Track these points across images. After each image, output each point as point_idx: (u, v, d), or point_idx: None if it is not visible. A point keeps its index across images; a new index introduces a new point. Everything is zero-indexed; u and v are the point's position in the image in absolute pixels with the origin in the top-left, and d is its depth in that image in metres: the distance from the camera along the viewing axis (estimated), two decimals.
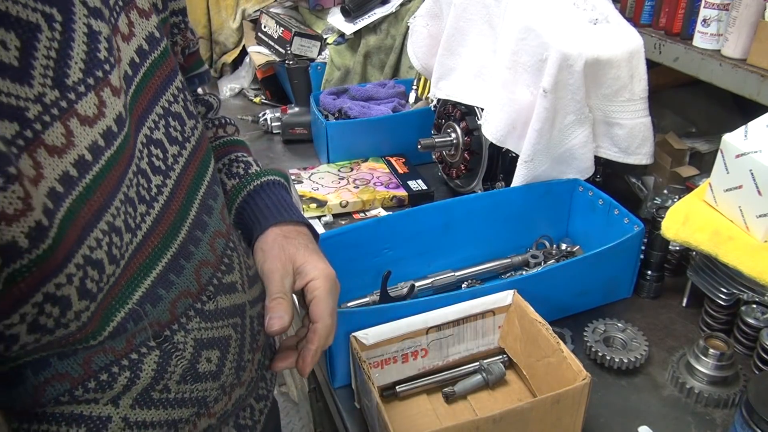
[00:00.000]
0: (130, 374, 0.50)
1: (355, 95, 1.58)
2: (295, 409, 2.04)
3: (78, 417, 0.49)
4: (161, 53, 0.55)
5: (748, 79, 0.92)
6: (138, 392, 0.52)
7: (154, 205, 0.52)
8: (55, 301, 0.41)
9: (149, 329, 0.51)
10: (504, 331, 0.90)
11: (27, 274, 0.39)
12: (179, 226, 0.55)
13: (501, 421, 0.70)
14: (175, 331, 0.53)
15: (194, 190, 0.58)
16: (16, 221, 0.37)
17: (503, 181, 1.23)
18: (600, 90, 1.06)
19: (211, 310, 0.57)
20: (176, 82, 0.58)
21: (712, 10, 0.97)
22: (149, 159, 0.52)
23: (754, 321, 0.92)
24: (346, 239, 1.01)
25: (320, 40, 1.85)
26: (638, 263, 1.02)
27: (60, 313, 0.42)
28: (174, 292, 0.53)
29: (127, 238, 0.47)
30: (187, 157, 0.57)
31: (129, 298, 0.48)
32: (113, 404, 0.51)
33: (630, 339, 0.93)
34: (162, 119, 0.55)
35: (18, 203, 0.37)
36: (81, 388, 0.48)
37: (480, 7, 1.19)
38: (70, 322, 0.43)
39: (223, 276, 0.59)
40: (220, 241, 0.60)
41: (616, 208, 1.05)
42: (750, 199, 0.84)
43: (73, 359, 0.47)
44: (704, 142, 1.25)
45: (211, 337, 0.56)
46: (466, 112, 1.26)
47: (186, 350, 0.54)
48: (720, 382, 0.86)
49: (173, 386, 0.54)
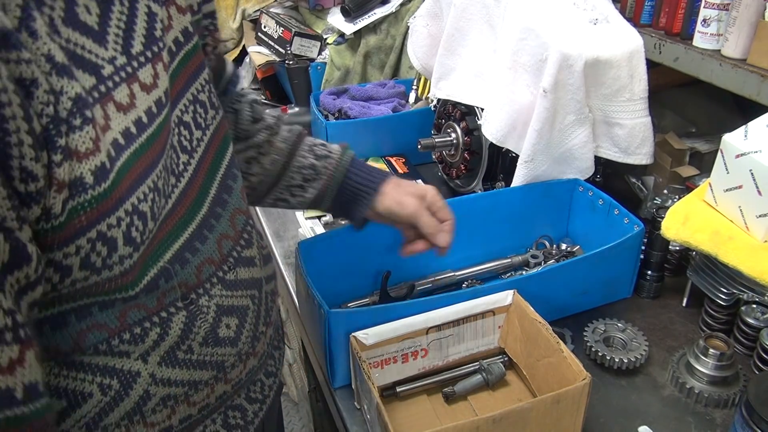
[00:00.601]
0: (160, 330, 0.55)
1: (355, 95, 1.58)
2: (295, 409, 2.04)
3: (111, 370, 0.54)
4: (193, 47, 0.61)
5: (748, 79, 0.92)
6: (165, 350, 0.57)
7: (181, 179, 0.58)
8: (104, 241, 0.46)
9: (178, 290, 0.56)
10: (504, 331, 0.91)
11: (87, 210, 0.44)
12: (201, 202, 0.61)
13: (501, 421, 0.70)
14: (201, 294, 0.59)
15: (214, 171, 0.64)
16: (86, 159, 0.43)
17: (503, 181, 1.23)
18: (600, 90, 1.06)
19: (232, 280, 0.63)
20: (204, 74, 0.64)
21: (712, 10, 0.97)
22: (179, 138, 0.58)
23: (754, 321, 0.92)
24: (346, 239, 1.01)
25: (320, 40, 1.85)
26: (638, 263, 1.02)
27: (107, 253, 0.47)
28: (199, 258, 0.58)
29: (162, 202, 0.53)
30: (208, 142, 0.63)
31: (161, 257, 0.54)
32: (143, 360, 0.55)
33: (630, 339, 0.93)
34: (191, 105, 0.61)
35: (89, 144, 0.44)
36: (117, 338, 0.53)
37: (480, 7, 1.19)
38: (115, 265, 0.48)
39: (242, 250, 0.66)
40: (240, 218, 0.67)
41: (616, 208, 1.05)
42: (750, 199, 0.84)
43: (111, 311, 0.52)
44: (704, 142, 1.25)
45: (231, 305, 0.62)
46: (466, 112, 1.26)
47: (209, 314, 0.60)
48: (720, 382, 0.86)
49: (196, 348, 0.59)
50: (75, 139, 0.43)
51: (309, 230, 1.28)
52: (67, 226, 0.44)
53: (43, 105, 0.41)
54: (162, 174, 0.52)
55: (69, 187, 0.43)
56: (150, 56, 0.51)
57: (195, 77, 0.62)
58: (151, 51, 0.52)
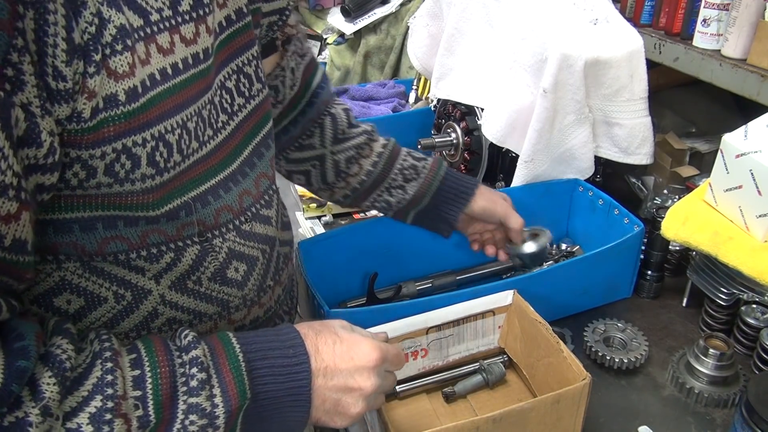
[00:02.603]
0: (173, 256, 0.61)
1: (355, 95, 1.59)
2: None
3: (126, 282, 0.60)
4: (244, 25, 0.69)
5: (748, 79, 0.92)
6: (176, 276, 0.62)
7: (218, 135, 0.65)
8: (128, 155, 0.53)
9: (196, 226, 0.62)
10: (504, 331, 0.91)
11: (116, 123, 0.51)
12: (234, 159, 0.68)
13: (501, 421, 0.70)
14: (216, 236, 0.64)
15: (250, 137, 0.71)
16: (121, 80, 0.51)
17: (503, 181, 1.23)
18: (600, 90, 1.06)
19: (246, 231, 0.68)
20: (252, 50, 0.71)
21: (712, 10, 0.97)
22: (220, 99, 0.66)
23: (754, 321, 0.92)
24: (346, 239, 1.01)
25: (320, 40, 1.86)
26: (638, 263, 1.02)
27: (130, 167, 0.53)
28: (219, 203, 0.65)
29: (195, 145, 0.60)
30: (250, 110, 0.71)
31: (186, 193, 0.60)
32: (155, 281, 0.61)
33: (630, 339, 0.93)
34: (235, 74, 0.68)
35: (126, 68, 0.51)
36: (135, 253, 0.59)
37: (480, 7, 1.19)
38: (137, 180, 0.54)
39: (261, 208, 0.71)
40: (264, 181, 0.73)
41: (616, 208, 1.05)
42: (750, 199, 0.84)
43: (135, 229, 0.58)
44: (704, 142, 1.25)
45: (241, 251, 0.67)
46: (466, 112, 1.26)
47: (220, 254, 0.65)
48: (720, 382, 0.86)
49: (205, 281, 0.64)
50: (115, 62, 0.50)
51: (309, 230, 1.28)
52: (96, 131, 0.50)
53: (86, 24, 0.48)
54: (195, 119, 0.59)
55: (103, 99, 0.50)
56: (195, 17, 0.59)
57: (242, 51, 0.70)
58: (197, 13, 0.59)
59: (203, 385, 0.54)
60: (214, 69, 0.64)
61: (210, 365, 0.55)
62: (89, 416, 0.49)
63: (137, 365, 0.53)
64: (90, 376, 0.51)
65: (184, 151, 0.58)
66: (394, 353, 0.66)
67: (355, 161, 0.93)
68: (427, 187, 0.93)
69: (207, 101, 0.62)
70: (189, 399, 0.53)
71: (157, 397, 0.52)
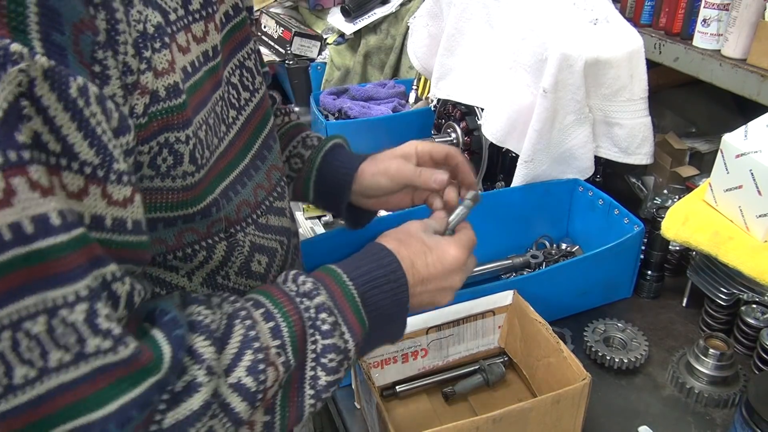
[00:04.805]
0: (205, 254, 0.63)
1: (355, 95, 1.58)
2: None
3: (162, 281, 0.62)
4: (242, 20, 0.71)
5: (748, 79, 0.92)
6: (207, 272, 0.64)
7: (231, 130, 0.67)
8: (171, 151, 0.55)
9: (223, 222, 0.64)
10: (504, 331, 0.91)
11: (160, 118, 0.53)
12: (246, 153, 0.69)
13: (501, 421, 0.70)
14: (238, 230, 0.66)
15: (259, 130, 0.73)
16: (162, 77, 0.52)
17: (503, 181, 1.23)
18: (600, 90, 1.06)
19: (263, 224, 0.71)
20: (250, 44, 0.73)
21: (712, 10, 0.97)
22: (228, 94, 0.67)
23: (754, 321, 0.92)
24: (346, 239, 1.01)
25: (320, 40, 1.85)
26: (638, 263, 1.02)
27: (173, 163, 0.55)
28: (239, 198, 0.67)
29: (215, 141, 0.62)
30: (256, 104, 0.72)
31: (215, 190, 0.62)
32: (188, 278, 0.63)
33: (630, 339, 0.93)
34: (238, 69, 0.70)
35: (166, 65, 0.53)
36: (172, 254, 0.61)
37: (480, 7, 1.19)
38: (178, 177, 0.56)
39: (274, 201, 0.74)
40: (275, 173, 0.75)
41: (616, 208, 1.05)
42: (750, 199, 0.84)
43: (172, 230, 0.59)
44: (704, 142, 1.25)
45: (262, 244, 0.70)
46: (466, 112, 1.26)
47: (244, 248, 0.67)
48: (720, 382, 0.86)
49: (232, 276, 0.67)
50: (156, 59, 0.52)
51: (309, 230, 1.28)
52: (146, 127, 0.52)
53: (135, 21, 0.50)
54: (212, 115, 0.61)
55: (150, 95, 0.52)
56: (204, 15, 0.61)
57: (242, 46, 0.71)
58: (206, 11, 0.61)
59: (334, 327, 0.60)
60: (222, 65, 0.66)
61: (334, 308, 0.61)
62: (245, 369, 0.53)
63: (270, 317, 0.58)
64: (234, 334, 0.55)
65: (210, 146, 0.61)
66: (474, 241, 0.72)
67: None
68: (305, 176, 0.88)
69: (219, 97, 0.64)
70: (323, 341, 0.59)
71: (294, 343, 0.57)
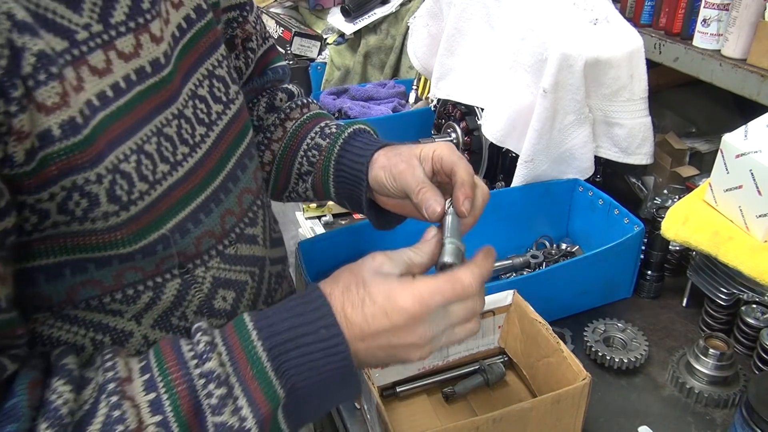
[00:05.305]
0: (152, 294, 0.56)
1: (355, 95, 1.58)
2: None
3: (105, 326, 0.55)
4: (207, 23, 0.64)
5: (748, 79, 0.92)
6: (158, 314, 0.58)
7: (197, 150, 0.59)
8: (82, 193, 0.49)
9: (176, 258, 0.57)
10: (504, 331, 0.90)
11: (58, 160, 0.46)
12: (216, 174, 0.62)
13: (501, 421, 0.70)
14: (198, 265, 0.60)
15: (234, 146, 0.66)
16: (53, 113, 0.46)
17: (503, 181, 1.23)
18: (600, 90, 1.06)
19: (231, 255, 0.63)
20: (220, 50, 0.66)
21: (712, 10, 0.97)
22: (194, 110, 0.60)
23: (754, 321, 0.92)
24: (346, 239, 1.01)
25: (320, 40, 1.86)
26: (638, 263, 1.02)
27: (88, 206, 0.49)
28: (200, 230, 0.59)
29: (164, 168, 0.55)
30: (231, 116, 0.65)
31: (163, 225, 0.55)
32: (136, 321, 0.57)
33: (630, 339, 0.93)
34: (206, 79, 0.63)
35: (56, 98, 0.46)
36: (109, 297, 0.54)
37: (480, 7, 1.19)
38: (98, 219, 0.50)
39: (245, 227, 0.66)
40: (247, 197, 0.67)
41: (616, 208, 1.05)
42: (750, 199, 0.84)
43: (108, 270, 0.53)
44: (704, 142, 1.25)
45: (227, 278, 0.63)
46: (466, 112, 1.26)
47: (204, 284, 0.60)
48: (720, 382, 0.86)
49: (191, 315, 0.60)
50: (41, 93, 0.45)
51: (309, 230, 1.28)
52: (38, 173, 0.46)
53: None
54: (154, 140, 0.54)
55: (38, 137, 0.45)
56: (133, 27, 0.53)
57: (210, 53, 0.64)
58: (135, 22, 0.54)
59: (224, 401, 0.49)
60: (179, 78, 0.58)
61: (230, 374, 0.49)
62: None
63: (151, 387, 0.48)
64: (97, 414, 0.46)
65: (149, 177, 0.53)
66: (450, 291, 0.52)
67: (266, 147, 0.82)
68: (320, 171, 0.77)
69: (172, 116, 0.57)
70: (212, 417, 0.48)
71: (181, 419, 0.47)
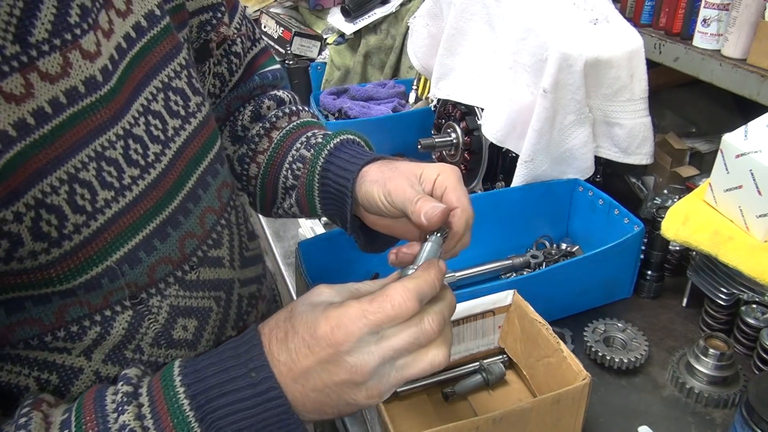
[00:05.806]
0: (100, 329, 0.52)
1: (355, 95, 1.58)
2: None
3: (51, 364, 0.51)
4: (161, 30, 0.57)
5: (748, 79, 0.92)
6: (109, 348, 0.53)
7: (150, 171, 0.54)
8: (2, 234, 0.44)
9: (126, 289, 0.52)
10: (504, 331, 0.90)
11: None
12: (174, 196, 0.57)
13: (501, 421, 0.70)
14: (152, 294, 0.55)
15: (195, 164, 0.60)
16: None
17: (503, 181, 1.23)
18: (600, 90, 1.06)
19: (192, 280, 0.58)
20: (179, 59, 0.59)
21: (712, 10, 0.97)
22: (146, 127, 0.55)
23: (754, 321, 0.92)
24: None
25: (320, 40, 1.85)
26: (638, 263, 1.02)
27: (10, 246, 0.45)
28: (154, 257, 0.54)
29: (108, 195, 0.50)
30: (191, 131, 0.59)
31: (109, 256, 0.50)
32: (86, 357, 0.52)
33: (630, 339, 0.93)
34: (161, 92, 0.57)
35: None
36: (50, 335, 0.50)
37: (480, 7, 1.19)
38: (24, 258, 0.45)
39: (208, 249, 0.61)
40: (210, 217, 0.62)
41: (616, 208, 1.05)
42: (750, 199, 0.84)
43: (48, 306, 0.49)
44: (704, 142, 1.25)
45: (188, 306, 0.58)
46: (466, 112, 1.26)
47: (160, 314, 0.56)
48: (720, 382, 0.86)
49: (146, 348, 0.56)
50: None
51: (309, 230, 1.28)
52: None
53: None
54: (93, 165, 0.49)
55: None
56: (58, 44, 0.47)
57: (166, 63, 0.58)
58: (61, 39, 0.47)
59: None
60: (126, 94, 0.53)
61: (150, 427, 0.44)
62: None
63: None
64: None
65: (86, 208, 0.48)
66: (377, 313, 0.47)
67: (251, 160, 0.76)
68: (303, 185, 0.71)
69: (117, 137, 0.52)
70: None
71: None
